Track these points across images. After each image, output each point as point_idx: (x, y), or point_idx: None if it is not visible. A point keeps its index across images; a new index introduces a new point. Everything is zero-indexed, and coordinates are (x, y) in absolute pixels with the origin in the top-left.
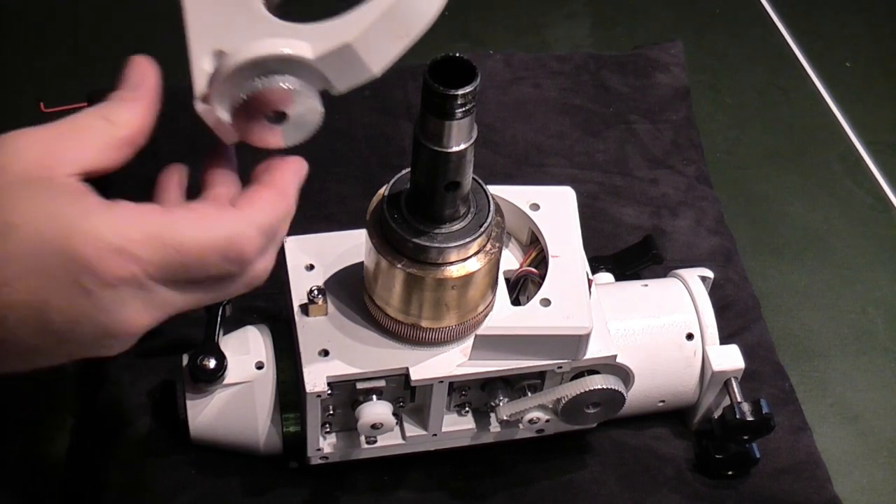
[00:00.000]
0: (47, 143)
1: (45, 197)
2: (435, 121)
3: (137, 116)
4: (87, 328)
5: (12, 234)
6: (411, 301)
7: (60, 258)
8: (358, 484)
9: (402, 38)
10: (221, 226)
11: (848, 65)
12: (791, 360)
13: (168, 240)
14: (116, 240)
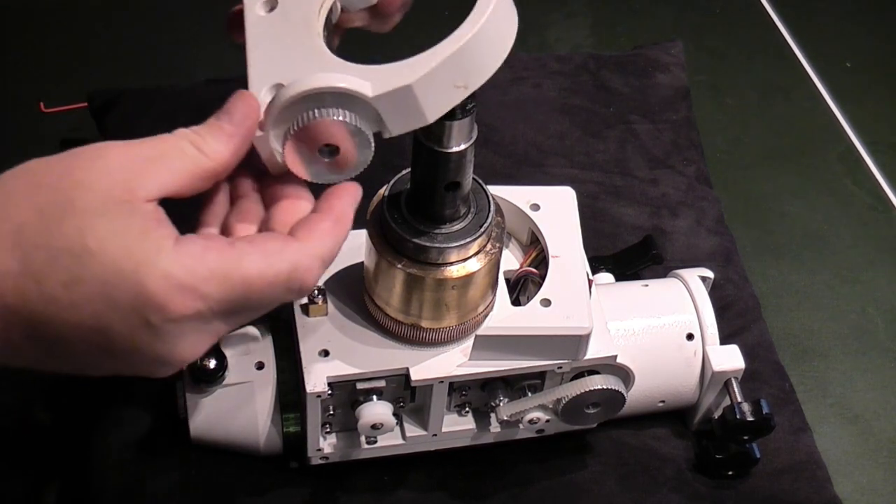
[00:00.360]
0: (133, 163)
1: (123, 227)
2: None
3: (229, 151)
4: (144, 355)
5: (87, 258)
6: (411, 301)
7: (129, 291)
8: (358, 484)
9: (460, 88)
10: (285, 260)
11: (848, 65)
12: (791, 360)
13: (234, 276)
14: (185, 278)
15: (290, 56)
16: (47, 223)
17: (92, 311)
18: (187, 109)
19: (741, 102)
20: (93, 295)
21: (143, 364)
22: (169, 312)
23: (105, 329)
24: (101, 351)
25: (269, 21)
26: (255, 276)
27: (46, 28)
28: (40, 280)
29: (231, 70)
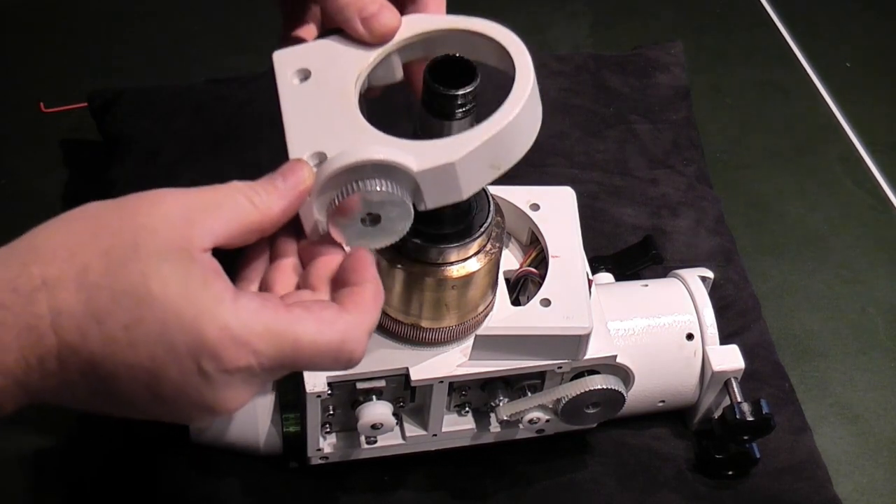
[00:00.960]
0: (190, 211)
1: (184, 274)
2: (435, 121)
3: (280, 209)
4: (190, 401)
5: (149, 301)
6: (411, 301)
7: (188, 337)
8: (358, 484)
9: (495, 168)
10: (337, 330)
11: (848, 65)
12: (791, 360)
13: (287, 338)
14: (241, 331)
15: (328, 125)
16: (112, 265)
17: (149, 353)
18: (187, 109)
19: (741, 102)
20: (151, 337)
21: (186, 410)
22: (222, 362)
23: (158, 371)
24: (149, 394)
25: (304, 90)
26: (307, 341)
27: (46, 28)
28: (102, 320)
29: (231, 70)
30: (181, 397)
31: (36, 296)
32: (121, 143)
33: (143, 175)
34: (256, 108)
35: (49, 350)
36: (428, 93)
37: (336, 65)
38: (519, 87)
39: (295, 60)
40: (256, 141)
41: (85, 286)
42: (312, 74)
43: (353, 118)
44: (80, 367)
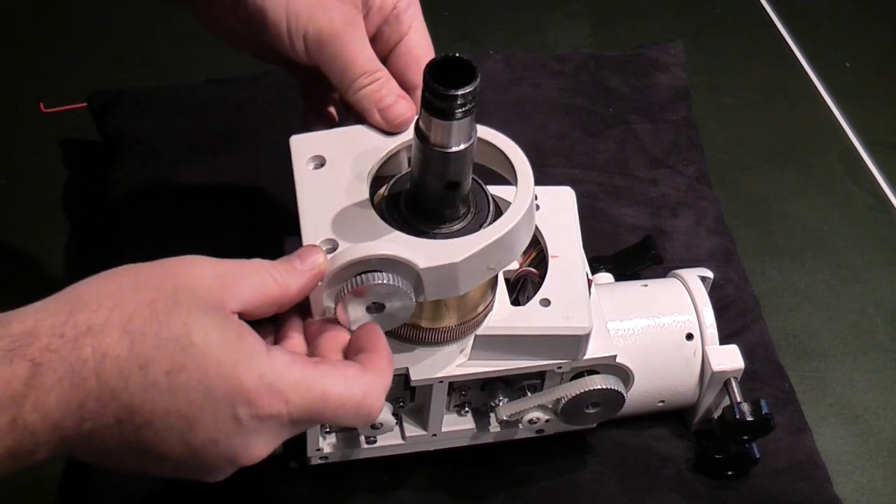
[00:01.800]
0: (223, 277)
1: (222, 327)
2: (435, 121)
3: (297, 289)
4: (218, 450)
5: (191, 350)
6: None
7: (226, 384)
8: (358, 484)
9: (491, 269)
10: (360, 386)
11: (848, 65)
12: (791, 360)
13: (316, 391)
14: (276, 381)
15: (341, 215)
16: (156, 315)
17: (187, 398)
18: (187, 109)
19: (741, 102)
20: (191, 383)
21: (212, 460)
22: (257, 409)
23: (194, 417)
24: (181, 442)
25: (319, 177)
26: (335, 395)
27: (46, 28)
28: (145, 365)
29: (231, 70)
30: (211, 446)
31: (82, 341)
32: (121, 143)
33: (143, 175)
34: (256, 108)
35: (90, 393)
36: (428, 92)
37: (350, 156)
38: (520, 198)
39: (311, 147)
40: (256, 141)
41: (129, 333)
42: (327, 162)
43: (364, 210)
44: (118, 413)
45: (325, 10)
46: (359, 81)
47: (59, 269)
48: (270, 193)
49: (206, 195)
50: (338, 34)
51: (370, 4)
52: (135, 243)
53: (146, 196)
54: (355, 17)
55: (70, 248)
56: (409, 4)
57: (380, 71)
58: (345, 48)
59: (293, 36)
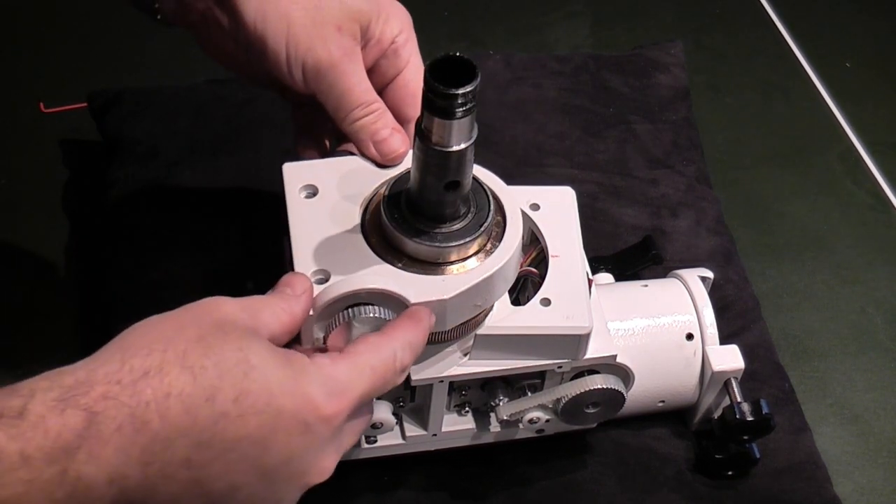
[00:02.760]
0: (248, 310)
1: (270, 349)
2: (435, 120)
3: (301, 313)
4: (292, 470)
5: (253, 373)
6: None
7: (292, 400)
8: (358, 484)
9: (476, 307)
10: (387, 347)
11: (848, 65)
12: (791, 360)
13: (364, 370)
14: (332, 382)
15: (333, 246)
16: (209, 347)
17: (258, 421)
18: (187, 109)
19: (741, 102)
20: (260, 406)
21: (285, 481)
22: (327, 413)
23: (267, 439)
24: (253, 470)
25: (311, 206)
26: (378, 366)
27: (46, 28)
28: (212, 397)
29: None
30: (284, 467)
31: (140, 385)
32: (121, 143)
33: (143, 175)
34: (256, 108)
35: (155, 437)
36: (428, 92)
37: (343, 186)
38: (508, 238)
39: (304, 176)
40: (256, 141)
41: (189, 368)
42: (320, 192)
43: (356, 241)
44: (186, 452)
45: (324, 42)
46: (354, 113)
47: (59, 269)
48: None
49: (206, 195)
50: (335, 65)
51: (369, 37)
52: (135, 243)
53: (146, 196)
54: (353, 49)
55: (70, 248)
56: (408, 40)
57: (376, 103)
58: (342, 79)
59: (292, 65)
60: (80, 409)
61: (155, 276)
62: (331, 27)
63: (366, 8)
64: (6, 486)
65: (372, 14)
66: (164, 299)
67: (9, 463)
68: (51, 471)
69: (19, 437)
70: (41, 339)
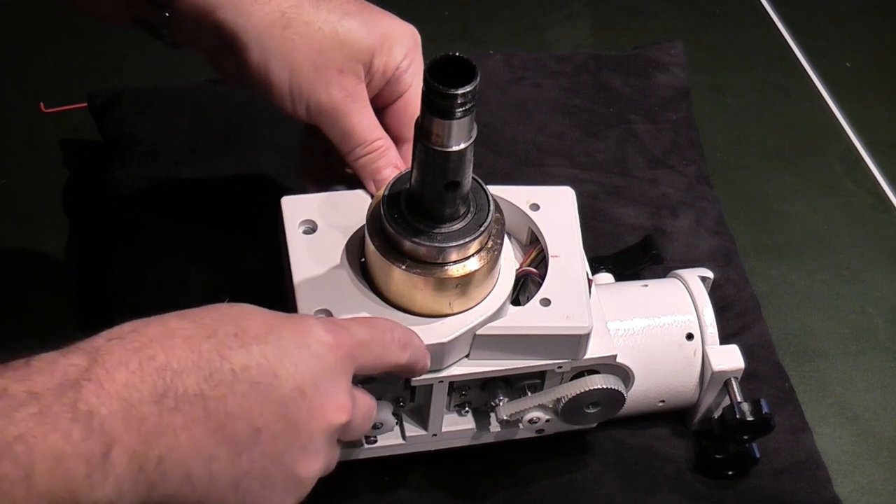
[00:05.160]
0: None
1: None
2: (435, 120)
3: None
4: (309, 401)
5: (249, 314)
6: (412, 300)
7: (290, 329)
8: (358, 484)
9: (465, 350)
10: (384, 320)
11: (848, 65)
12: (791, 360)
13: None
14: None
15: (333, 285)
16: (206, 307)
17: (261, 350)
18: (187, 109)
19: (741, 102)
20: (261, 335)
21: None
22: (324, 338)
23: (274, 366)
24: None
25: (311, 243)
26: (373, 321)
27: (46, 28)
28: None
29: None
30: (300, 399)
31: (141, 330)
32: (121, 143)
33: (143, 175)
34: (256, 108)
35: (161, 368)
36: (428, 92)
37: (342, 223)
38: (501, 287)
39: (303, 211)
40: (256, 141)
41: (186, 317)
42: (319, 228)
43: (356, 282)
44: (196, 385)
45: (325, 86)
46: (356, 151)
47: (59, 269)
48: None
49: (205, 195)
50: (337, 108)
51: (373, 72)
52: (135, 243)
53: (146, 196)
54: (356, 88)
55: (70, 248)
56: (410, 65)
57: (378, 140)
58: (344, 120)
59: (296, 105)
60: (83, 351)
61: (155, 276)
62: (333, 71)
63: (367, 44)
64: (17, 422)
65: (375, 49)
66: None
67: (16, 400)
68: (60, 404)
69: (26, 379)
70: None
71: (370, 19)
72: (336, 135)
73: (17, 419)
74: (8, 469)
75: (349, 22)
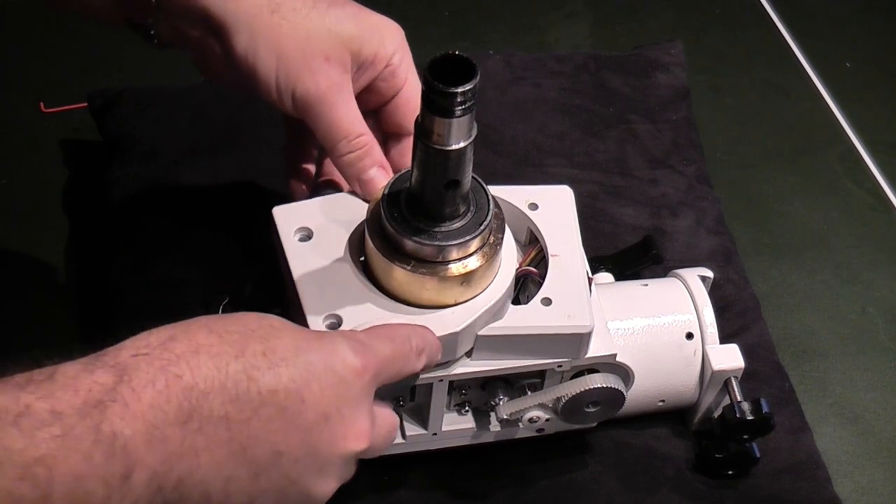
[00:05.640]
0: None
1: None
2: (435, 119)
3: None
4: (332, 428)
5: (276, 332)
6: (412, 299)
7: (318, 351)
8: (358, 483)
9: (472, 340)
10: (401, 328)
11: (848, 65)
12: (791, 360)
13: (380, 334)
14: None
15: (338, 290)
16: (231, 317)
17: (290, 373)
18: (187, 109)
19: (741, 102)
20: (290, 357)
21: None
22: (352, 363)
23: (301, 391)
24: (293, 427)
25: (308, 250)
26: (394, 334)
27: (46, 28)
28: (240, 353)
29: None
30: (323, 425)
31: (168, 345)
32: (121, 143)
33: (143, 175)
34: (256, 108)
35: (188, 389)
36: (427, 90)
37: (337, 226)
38: (506, 268)
39: (297, 219)
40: (256, 141)
41: (214, 331)
42: (315, 234)
43: (360, 283)
44: (222, 408)
45: (311, 73)
46: (340, 146)
47: (59, 269)
48: (270, 193)
49: (206, 195)
50: (322, 98)
51: (362, 61)
52: (135, 243)
53: (146, 196)
54: (341, 78)
55: (70, 248)
56: (402, 59)
57: (362, 137)
58: (329, 111)
59: (282, 94)
60: (109, 367)
61: (155, 276)
62: (319, 58)
63: (356, 33)
64: (38, 443)
65: (363, 38)
66: (164, 299)
67: (39, 420)
68: (83, 426)
69: (49, 396)
70: (41, 339)
71: (358, 11)
72: (321, 126)
73: (39, 440)
74: (27, 490)
75: (337, 10)
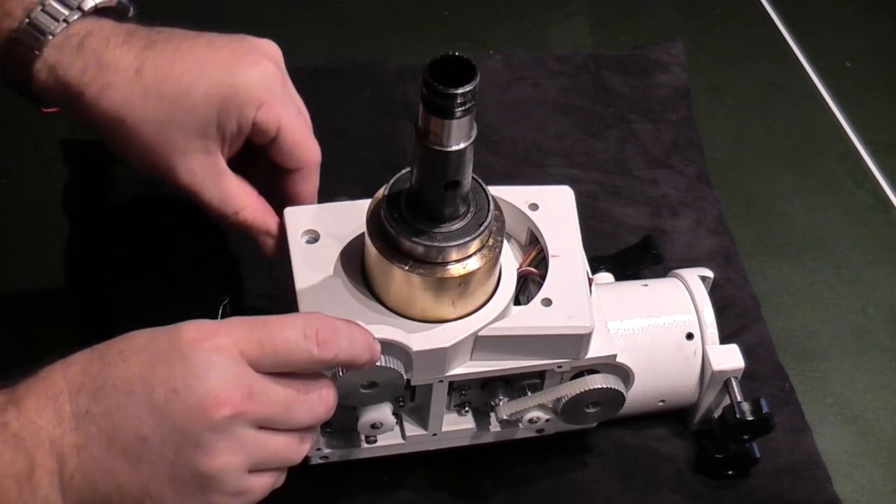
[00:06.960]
0: None
1: None
2: (435, 120)
3: None
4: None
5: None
6: (412, 300)
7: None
8: (358, 484)
9: (466, 355)
10: (296, 318)
11: (848, 65)
12: (791, 360)
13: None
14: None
15: (336, 295)
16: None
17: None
18: None
19: (741, 102)
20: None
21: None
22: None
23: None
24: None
25: (313, 252)
26: (268, 319)
27: None
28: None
29: None
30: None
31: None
32: None
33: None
34: None
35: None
36: (427, 91)
37: (343, 232)
38: (503, 290)
39: (306, 221)
40: None
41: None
42: (321, 238)
43: (359, 291)
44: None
45: (173, 169)
46: (220, 221)
47: (59, 269)
48: None
49: None
50: (190, 189)
51: (225, 132)
52: (135, 243)
53: (146, 196)
54: (208, 164)
55: (70, 248)
56: (272, 107)
57: (237, 213)
58: (200, 198)
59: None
60: (4, 391)
61: (155, 277)
62: (178, 152)
63: (213, 112)
64: None
65: (221, 113)
66: (164, 299)
67: None
68: None
69: None
70: (41, 339)
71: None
72: (204, 205)
73: None
74: None
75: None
